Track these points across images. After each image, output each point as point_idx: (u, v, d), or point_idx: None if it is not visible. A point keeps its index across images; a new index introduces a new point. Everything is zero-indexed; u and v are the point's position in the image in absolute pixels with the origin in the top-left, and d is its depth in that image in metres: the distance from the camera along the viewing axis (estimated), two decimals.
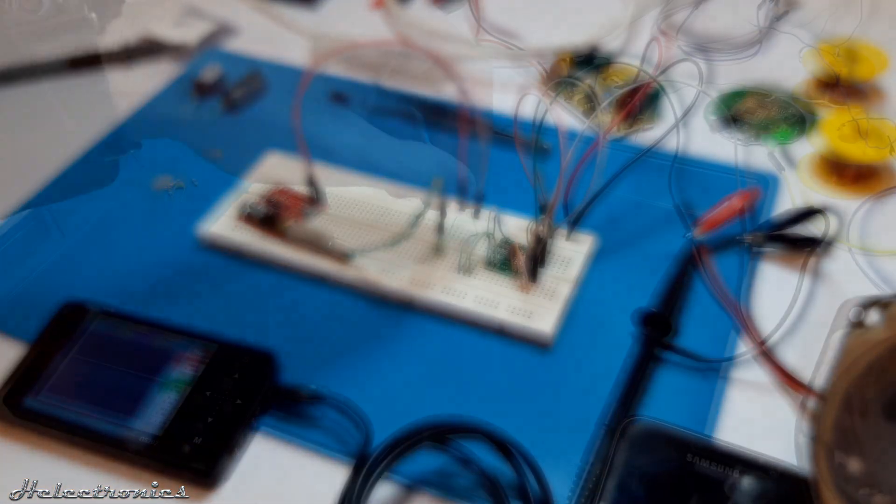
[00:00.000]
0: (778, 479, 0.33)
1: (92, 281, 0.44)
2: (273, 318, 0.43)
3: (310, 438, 0.37)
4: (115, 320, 0.41)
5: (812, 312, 0.42)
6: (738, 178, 0.46)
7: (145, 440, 0.36)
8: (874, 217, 0.48)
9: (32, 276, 0.45)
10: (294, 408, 0.38)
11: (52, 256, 0.46)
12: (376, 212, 0.46)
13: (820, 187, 0.50)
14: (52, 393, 0.38)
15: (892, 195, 0.49)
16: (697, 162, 0.51)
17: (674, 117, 0.43)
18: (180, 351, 0.39)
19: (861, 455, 0.32)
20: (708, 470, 0.34)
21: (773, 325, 0.40)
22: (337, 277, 0.43)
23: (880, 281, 0.44)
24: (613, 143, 0.53)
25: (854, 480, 0.31)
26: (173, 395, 0.37)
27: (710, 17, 0.65)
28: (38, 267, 0.45)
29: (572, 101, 0.57)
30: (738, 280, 0.43)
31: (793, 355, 0.40)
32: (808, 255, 0.44)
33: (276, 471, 0.37)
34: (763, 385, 0.39)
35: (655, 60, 0.51)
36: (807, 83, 0.58)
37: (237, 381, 0.38)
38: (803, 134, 0.54)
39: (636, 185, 0.49)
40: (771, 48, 0.62)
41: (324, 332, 0.42)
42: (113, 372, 0.39)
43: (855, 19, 0.57)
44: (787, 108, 0.56)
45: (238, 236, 0.45)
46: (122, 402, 0.37)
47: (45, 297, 0.43)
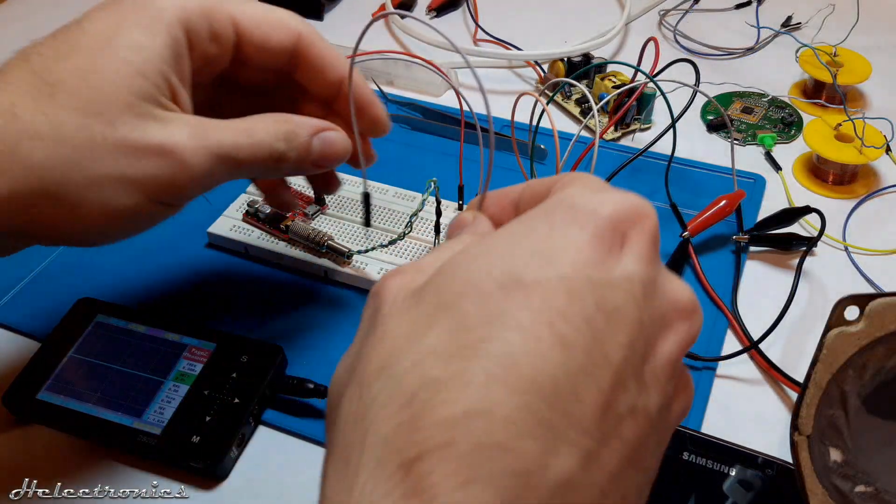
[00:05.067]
0: (771, 472, 0.34)
1: (102, 278, 0.45)
2: (276, 315, 0.44)
3: (312, 431, 0.38)
4: (123, 316, 0.41)
5: (800, 310, 0.43)
6: (731, 179, 0.47)
7: (151, 435, 0.37)
8: (860, 217, 0.49)
9: (44, 273, 0.46)
10: (297, 402, 0.39)
11: (64, 254, 0.47)
12: (375, 212, 0.47)
13: (808, 188, 0.51)
14: (60, 390, 0.39)
15: (876, 197, 0.50)
16: (691, 163, 0.52)
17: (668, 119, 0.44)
18: (187, 346, 0.40)
19: (842, 446, 0.33)
20: (703, 464, 0.35)
21: (763, 322, 0.41)
22: (337, 276, 0.45)
23: (864, 279, 0.45)
24: (609, 144, 0.54)
25: (835, 470, 0.32)
26: (180, 390, 0.38)
27: (704, 21, 0.67)
28: (49, 265, 0.46)
29: (568, 104, 0.58)
30: (729, 278, 0.45)
31: (782, 351, 0.41)
32: (797, 255, 0.45)
33: (280, 464, 0.37)
34: (755, 381, 0.40)
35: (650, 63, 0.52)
36: (797, 87, 0.60)
37: (243, 376, 0.38)
38: (793, 136, 0.55)
39: (631, 185, 0.50)
40: (762, 52, 0.63)
41: (325, 330, 0.43)
42: (120, 368, 0.39)
43: (842, 28, 0.58)
44: (778, 110, 0.57)
45: (243, 235, 0.46)
46: (129, 397, 0.38)
47: (54, 294, 0.43)
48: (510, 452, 0.18)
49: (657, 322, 0.21)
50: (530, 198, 0.25)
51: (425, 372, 0.19)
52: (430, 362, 0.19)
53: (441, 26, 0.67)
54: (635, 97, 0.51)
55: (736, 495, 0.34)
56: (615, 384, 0.19)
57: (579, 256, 0.20)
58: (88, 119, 0.28)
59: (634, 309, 0.20)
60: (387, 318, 0.21)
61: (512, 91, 0.58)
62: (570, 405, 0.19)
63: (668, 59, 0.51)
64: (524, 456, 0.18)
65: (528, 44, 0.62)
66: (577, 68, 0.58)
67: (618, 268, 0.21)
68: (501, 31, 0.64)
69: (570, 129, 0.56)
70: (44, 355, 0.40)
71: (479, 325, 0.19)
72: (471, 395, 0.18)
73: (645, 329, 0.21)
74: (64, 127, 0.28)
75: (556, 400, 0.18)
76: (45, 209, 0.29)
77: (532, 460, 0.18)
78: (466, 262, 0.21)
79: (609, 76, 0.57)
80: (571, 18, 0.68)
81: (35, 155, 0.28)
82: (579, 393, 0.19)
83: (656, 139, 0.48)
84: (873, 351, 0.33)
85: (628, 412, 0.20)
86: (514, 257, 0.20)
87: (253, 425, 0.38)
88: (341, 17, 0.70)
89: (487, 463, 0.17)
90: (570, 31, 0.64)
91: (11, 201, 0.28)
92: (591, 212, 0.21)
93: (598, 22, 0.64)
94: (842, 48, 0.57)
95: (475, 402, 0.18)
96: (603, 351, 0.19)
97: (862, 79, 0.55)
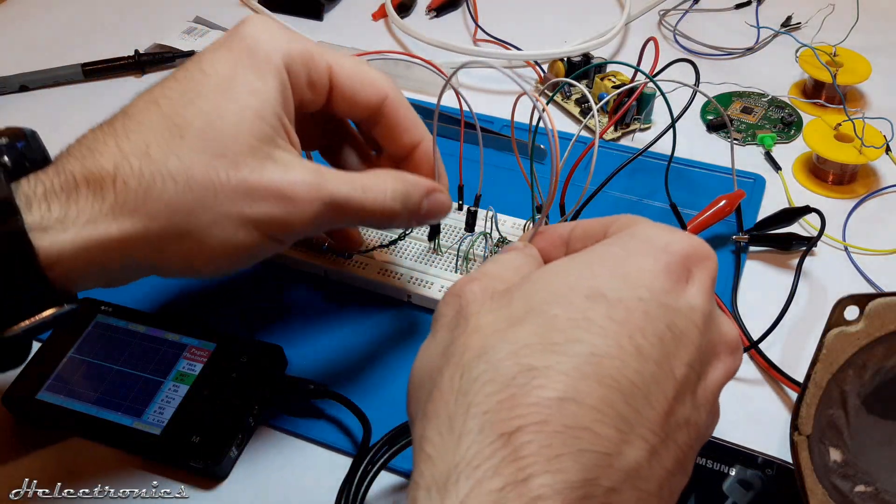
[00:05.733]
0: (770, 472, 0.34)
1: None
2: (276, 315, 0.44)
3: (311, 432, 0.38)
4: (123, 316, 0.41)
5: (799, 310, 0.43)
6: (730, 179, 0.47)
7: (151, 435, 0.37)
8: (859, 217, 0.49)
9: None
10: (297, 402, 0.39)
11: None
12: None
13: (808, 188, 0.51)
14: (60, 390, 0.39)
15: (876, 197, 0.50)
16: (690, 163, 0.52)
17: (668, 119, 0.44)
18: (187, 346, 0.40)
19: (842, 446, 0.33)
20: (703, 464, 0.35)
21: (763, 322, 0.41)
22: (337, 276, 0.45)
23: (864, 279, 0.45)
24: (608, 144, 0.54)
25: (835, 470, 0.32)
26: (180, 390, 0.38)
27: (704, 21, 0.67)
28: None
29: (568, 104, 0.58)
30: (728, 278, 0.45)
31: (782, 351, 0.41)
32: (797, 255, 0.45)
33: (279, 464, 0.38)
34: (755, 381, 0.40)
35: (649, 63, 0.52)
36: (797, 87, 0.60)
37: (243, 376, 0.39)
38: (793, 136, 0.55)
39: (631, 185, 0.50)
40: (762, 52, 0.63)
41: (325, 330, 0.43)
42: (120, 368, 0.39)
43: (841, 28, 0.58)
44: (778, 110, 0.57)
45: None
46: (129, 397, 0.38)
47: None
48: (595, 436, 0.21)
49: (710, 351, 0.25)
50: (582, 234, 0.29)
51: (521, 360, 0.22)
52: (526, 353, 0.22)
53: (441, 26, 0.67)
54: (635, 97, 0.51)
55: (736, 495, 0.34)
56: (677, 395, 0.23)
57: (655, 283, 0.24)
58: (215, 161, 0.30)
59: (697, 335, 0.24)
60: (477, 315, 0.25)
61: (511, 91, 0.58)
62: (642, 406, 0.22)
63: (668, 59, 0.51)
64: (605, 441, 0.21)
65: (528, 44, 0.62)
66: (577, 68, 0.58)
67: (684, 298, 0.24)
68: (501, 31, 0.64)
69: (569, 129, 0.56)
70: (44, 355, 0.40)
71: (567, 328, 0.23)
72: (563, 384, 0.21)
73: (702, 354, 0.24)
74: (193, 168, 0.30)
75: (632, 399, 0.22)
76: (172, 245, 0.30)
77: (611, 445, 0.21)
78: (553, 275, 0.25)
79: (609, 76, 0.57)
80: (571, 18, 0.68)
81: (167, 195, 0.29)
82: (650, 397, 0.22)
83: (656, 139, 0.48)
84: (873, 351, 0.33)
85: (684, 422, 0.23)
86: (596, 277, 0.24)
87: (253, 425, 0.38)
88: (341, 17, 0.70)
89: (575, 441, 0.21)
90: (570, 31, 0.64)
91: (144, 239, 0.29)
92: (664, 246, 0.25)
93: (598, 22, 0.64)
94: (841, 48, 0.57)
95: (566, 390, 0.21)
96: (671, 365, 0.23)
97: (862, 79, 0.55)
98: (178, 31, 0.66)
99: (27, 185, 0.29)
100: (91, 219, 0.29)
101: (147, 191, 0.29)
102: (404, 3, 0.69)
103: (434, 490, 0.21)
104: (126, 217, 0.29)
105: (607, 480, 0.21)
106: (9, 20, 0.70)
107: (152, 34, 0.66)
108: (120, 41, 0.65)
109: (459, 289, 0.26)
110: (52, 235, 0.28)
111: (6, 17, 0.71)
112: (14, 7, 0.72)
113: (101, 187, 0.29)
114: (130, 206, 0.29)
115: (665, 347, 0.23)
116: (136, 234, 0.29)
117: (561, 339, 0.22)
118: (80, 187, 0.29)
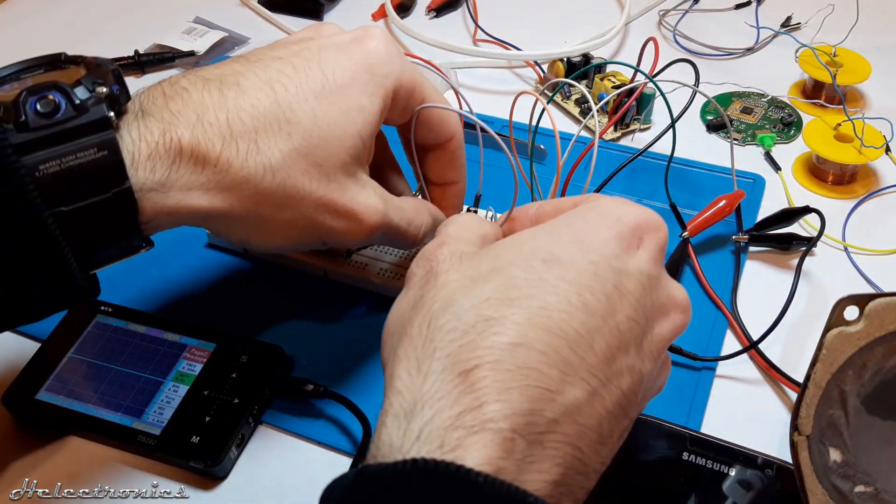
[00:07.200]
0: (770, 472, 0.34)
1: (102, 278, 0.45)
2: (276, 315, 0.44)
3: (311, 432, 0.38)
4: (123, 316, 0.41)
5: (799, 310, 0.43)
6: (730, 179, 0.47)
7: (151, 435, 0.37)
8: (859, 217, 0.49)
9: None
10: (297, 402, 0.39)
11: None
12: None
13: (808, 188, 0.51)
14: (60, 390, 0.39)
15: (875, 197, 0.50)
16: (690, 163, 0.52)
17: (668, 119, 0.44)
18: (187, 346, 0.40)
19: (842, 446, 0.33)
20: (703, 464, 0.35)
21: (762, 322, 0.41)
22: (336, 276, 0.45)
23: (864, 279, 0.45)
24: (608, 144, 0.54)
25: (835, 470, 0.32)
26: (180, 390, 0.38)
27: (703, 21, 0.67)
28: None
29: (568, 104, 0.58)
30: (728, 278, 0.45)
31: (781, 352, 0.41)
32: (797, 255, 0.45)
33: (279, 464, 0.38)
34: (754, 381, 0.40)
35: (649, 63, 0.52)
36: (796, 87, 0.60)
37: (243, 376, 0.39)
38: (793, 136, 0.55)
39: (631, 185, 0.50)
40: (762, 53, 0.63)
41: (325, 330, 0.43)
42: (120, 368, 0.39)
43: (841, 28, 0.58)
44: (778, 110, 0.57)
45: None
46: (128, 397, 0.38)
47: None
48: (541, 374, 0.24)
49: (657, 309, 0.28)
50: (552, 210, 0.31)
51: (481, 312, 0.25)
52: (485, 306, 0.25)
53: (441, 26, 0.67)
54: (635, 97, 0.51)
55: (736, 495, 0.34)
56: (620, 344, 0.26)
57: (605, 248, 0.27)
58: (312, 168, 0.32)
59: (641, 293, 0.27)
60: (446, 273, 0.27)
61: (511, 91, 0.58)
62: (585, 352, 0.25)
63: (668, 59, 0.51)
64: (550, 379, 0.24)
65: (528, 44, 0.62)
66: (577, 68, 0.58)
67: (632, 262, 0.27)
68: (501, 32, 0.64)
69: (569, 129, 0.56)
70: (43, 355, 0.40)
71: (524, 286, 0.26)
72: (515, 331, 0.25)
73: (647, 311, 0.27)
74: (292, 168, 0.32)
75: (576, 346, 0.25)
76: (245, 224, 0.33)
77: (554, 384, 0.24)
78: (520, 242, 0.28)
79: (608, 76, 0.57)
80: (571, 18, 0.68)
81: (262, 185, 0.32)
82: (594, 345, 0.25)
83: (656, 139, 0.48)
84: (873, 351, 0.33)
85: (627, 369, 0.26)
86: (555, 243, 0.27)
87: (253, 425, 0.38)
88: (341, 17, 0.70)
89: (523, 378, 0.24)
90: (570, 31, 0.64)
91: (226, 215, 0.32)
92: (619, 217, 0.28)
93: (598, 22, 0.64)
94: (841, 48, 0.57)
95: (518, 337, 0.24)
96: (615, 319, 0.26)
97: (861, 79, 0.55)
98: (177, 31, 0.66)
99: (130, 140, 0.30)
100: (186, 186, 0.31)
101: (246, 177, 0.31)
102: (404, 4, 0.69)
103: (402, 416, 0.24)
104: (217, 193, 0.31)
105: (550, 412, 0.24)
106: (9, 20, 0.70)
107: (152, 34, 0.66)
108: (120, 41, 0.65)
109: (430, 252, 0.29)
110: (154, 197, 0.30)
111: (6, 17, 0.71)
112: (14, 7, 0.72)
113: (204, 162, 0.31)
114: (225, 185, 0.31)
115: (611, 304, 0.26)
116: (222, 210, 0.32)
117: (517, 295, 0.25)
118: (184, 155, 0.30)
